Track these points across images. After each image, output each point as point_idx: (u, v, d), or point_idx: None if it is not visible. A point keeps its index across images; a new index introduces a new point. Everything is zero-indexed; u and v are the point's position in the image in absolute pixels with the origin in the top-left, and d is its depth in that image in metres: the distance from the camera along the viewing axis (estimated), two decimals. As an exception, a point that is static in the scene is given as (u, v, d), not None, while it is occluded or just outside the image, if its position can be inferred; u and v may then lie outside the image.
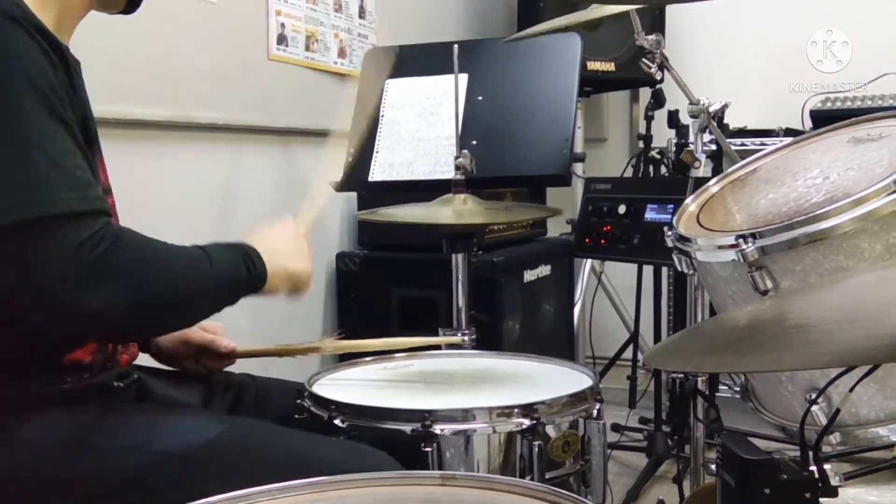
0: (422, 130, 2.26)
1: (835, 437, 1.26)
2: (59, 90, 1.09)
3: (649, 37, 2.06)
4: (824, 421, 1.21)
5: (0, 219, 1.04)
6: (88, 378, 1.22)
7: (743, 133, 3.26)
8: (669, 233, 1.42)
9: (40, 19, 1.11)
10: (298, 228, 1.40)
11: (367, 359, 1.63)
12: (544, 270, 2.86)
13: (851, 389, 1.03)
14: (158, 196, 2.14)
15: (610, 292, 3.58)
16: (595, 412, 1.38)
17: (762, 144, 2.99)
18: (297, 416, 1.37)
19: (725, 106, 2.07)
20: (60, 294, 1.05)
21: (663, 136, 3.00)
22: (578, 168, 3.45)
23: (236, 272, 1.23)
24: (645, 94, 3.52)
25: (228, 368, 1.56)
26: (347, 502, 0.92)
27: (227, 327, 1.51)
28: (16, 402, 1.15)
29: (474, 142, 2.09)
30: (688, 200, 1.51)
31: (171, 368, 1.49)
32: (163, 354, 1.49)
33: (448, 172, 1.97)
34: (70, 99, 1.12)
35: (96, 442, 1.16)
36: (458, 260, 1.95)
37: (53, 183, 1.06)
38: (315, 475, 1.15)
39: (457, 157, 1.92)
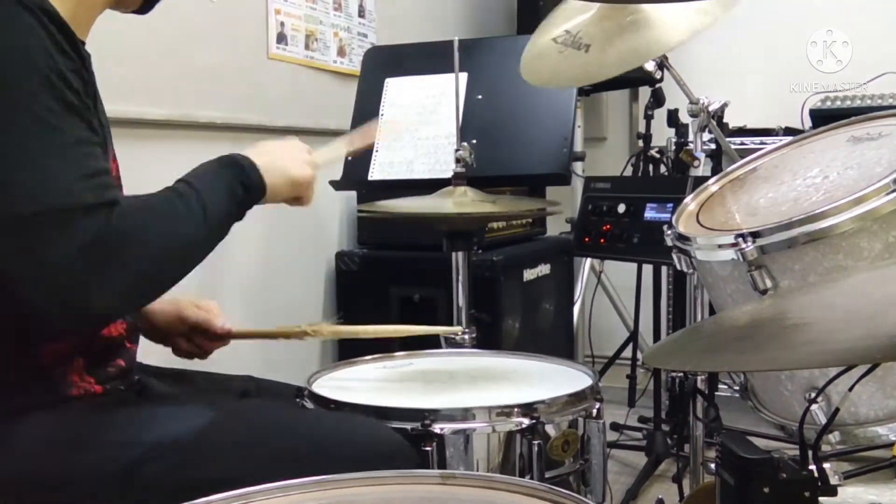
0: (421, 129, 2.27)
1: (834, 437, 1.26)
2: (70, 76, 1.07)
3: (649, 36, 2.05)
4: (824, 420, 1.21)
5: (9, 208, 1.02)
6: (89, 386, 1.21)
7: (742, 132, 3.25)
8: (669, 232, 1.43)
9: (55, 8, 1.08)
10: (309, 153, 1.38)
11: (367, 357, 1.63)
12: (544, 269, 2.86)
13: (851, 388, 1.03)
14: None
15: (609, 291, 3.58)
16: (595, 411, 1.38)
17: (762, 143, 2.98)
18: (301, 407, 1.37)
19: (725, 105, 2.07)
20: (68, 290, 1.03)
21: (663, 135, 3.00)
22: (578, 167, 3.44)
23: (232, 198, 1.22)
24: (644, 92, 3.51)
25: (229, 370, 1.56)
26: (347, 501, 0.92)
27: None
28: (14, 409, 1.15)
29: (474, 140, 2.09)
30: (687, 199, 1.51)
31: (171, 367, 1.49)
32: (155, 332, 1.47)
33: (447, 172, 1.97)
34: (83, 87, 1.10)
35: (89, 440, 1.15)
36: (458, 258, 1.95)
37: (63, 173, 1.04)
38: (307, 449, 1.15)
39: (457, 150, 1.92)
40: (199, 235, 1.17)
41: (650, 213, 2.19)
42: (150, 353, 1.47)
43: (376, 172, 2.27)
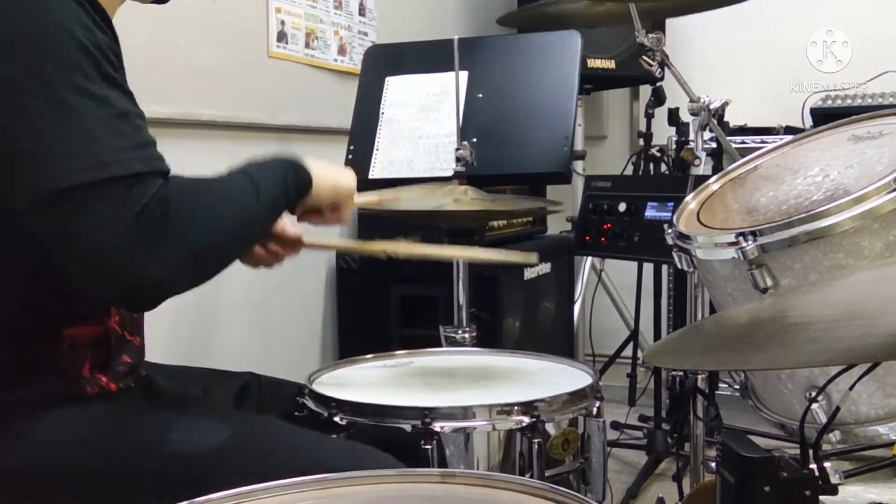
0: (422, 128, 2.26)
1: (835, 435, 1.26)
2: (109, 53, 1.07)
3: (650, 34, 2.06)
4: (824, 419, 1.21)
5: (58, 181, 1.01)
6: (105, 383, 1.22)
7: (743, 131, 3.25)
8: (669, 230, 1.42)
9: None
10: (352, 174, 1.41)
11: (368, 356, 1.63)
12: (544, 268, 2.86)
13: (851, 387, 1.03)
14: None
15: (610, 290, 3.58)
16: (595, 410, 1.38)
17: (762, 142, 2.98)
18: (296, 413, 1.37)
19: (726, 104, 2.07)
20: (118, 264, 1.02)
21: (663, 133, 3.00)
22: (578, 166, 3.44)
23: (284, 187, 1.23)
24: (645, 91, 3.51)
25: (230, 367, 1.56)
26: (348, 500, 0.92)
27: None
28: (32, 401, 1.15)
29: (474, 139, 2.09)
30: (688, 198, 1.51)
31: (174, 364, 1.49)
32: None
33: (448, 170, 1.97)
34: (118, 62, 1.10)
35: (111, 440, 1.16)
36: (459, 257, 1.95)
37: (112, 143, 1.03)
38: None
39: (457, 149, 1.92)
40: (252, 212, 1.18)
41: (651, 212, 2.19)
42: (152, 350, 1.47)
43: (377, 171, 2.27)
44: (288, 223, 1.45)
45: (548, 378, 1.50)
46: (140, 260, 1.03)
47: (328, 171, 1.32)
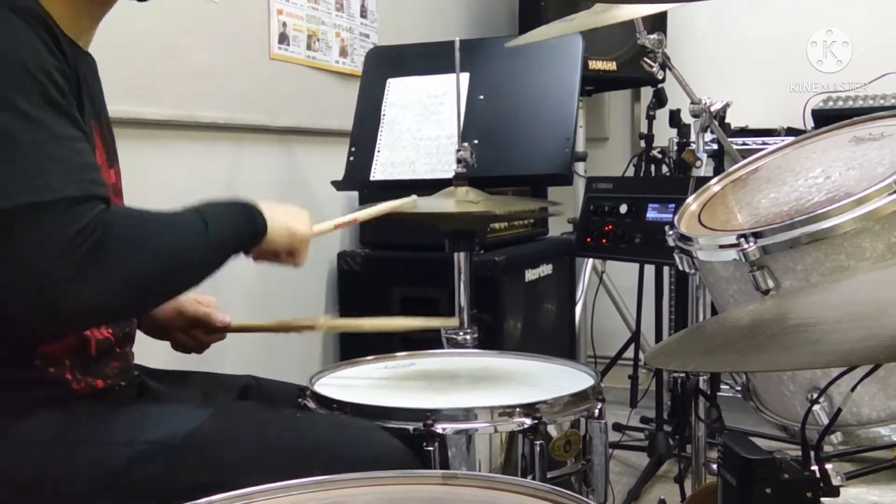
0: (423, 129, 2.27)
1: (836, 437, 1.26)
2: (57, 77, 1.07)
3: (651, 36, 2.06)
4: (826, 420, 1.21)
5: None
6: (91, 381, 1.21)
7: (744, 132, 3.26)
8: (671, 232, 1.42)
9: (49, 12, 1.09)
10: (307, 218, 1.38)
11: (369, 357, 1.63)
12: (546, 270, 2.86)
13: (853, 389, 1.03)
14: (159, 195, 2.13)
15: (611, 292, 3.58)
16: (596, 412, 1.38)
17: (764, 144, 2.98)
18: (298, 415, 1.37)
19: (727, 105, 2.08)
20: (52, 288, 1.02)
21: (665, 135, 3.00)
22: (580, 167, 3.44)
23: (234, 228, 1.22)
24: (646, 93, 3.52)
25: (230, 370, 1.56)
26: (349, 501, 0.92)
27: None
28: (17, 406, 1.14)
29: (476, 141, 2.09)
30: (689, 200, 1.51)
31: (170, 368, 1.49)
32: (154, 326, 1.47)
33: (449, 172, 1.97)
34: (68, 87, 1.09)
35: (86, 439, 1.15)
36: (460, 259, 1.95)
37: (47, 168, 1.02)
38: (302, 454, 1.15)
39: (458, 151, 1.92)
40: (198, 253, 1.16)
41: (652, 214, 2.19)
42: (152, 355, 1.47)
43: (378, 173, 2.27)
44: (215, 313, 1.48)
45: (549, 380, 1.50)
46: (73, 284, 1.02)
47: (283, 217, 1.31)
